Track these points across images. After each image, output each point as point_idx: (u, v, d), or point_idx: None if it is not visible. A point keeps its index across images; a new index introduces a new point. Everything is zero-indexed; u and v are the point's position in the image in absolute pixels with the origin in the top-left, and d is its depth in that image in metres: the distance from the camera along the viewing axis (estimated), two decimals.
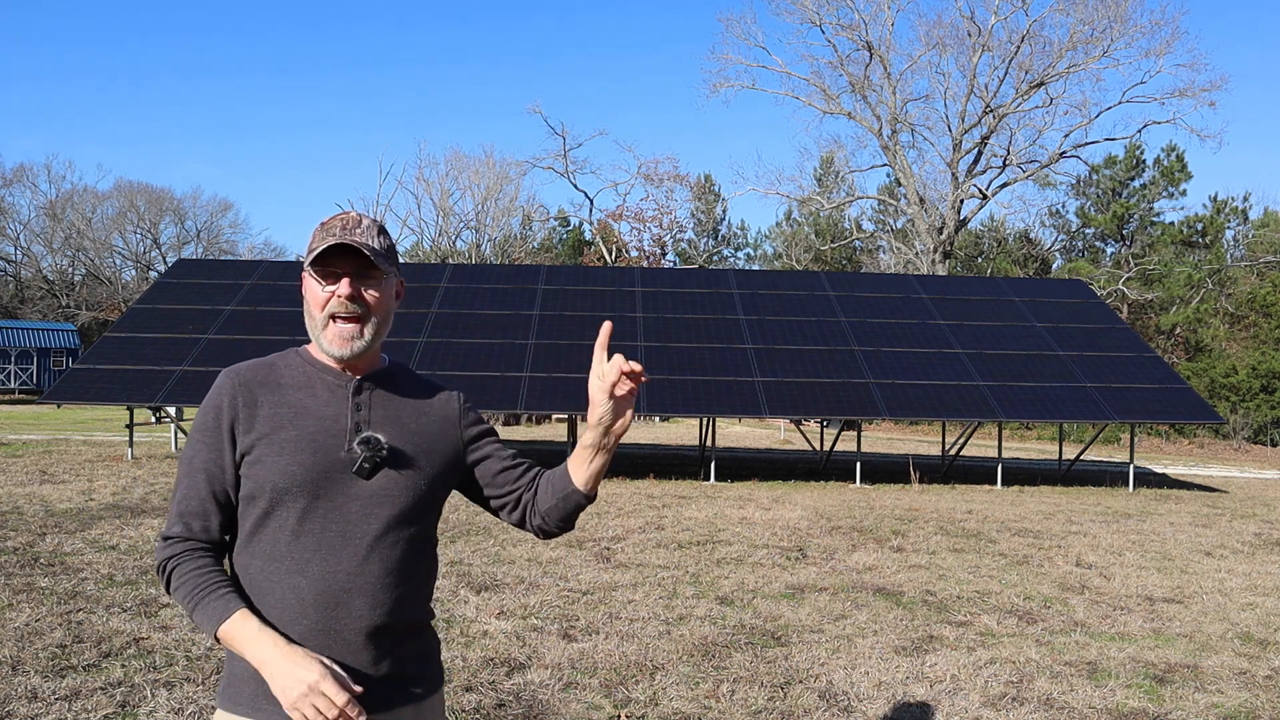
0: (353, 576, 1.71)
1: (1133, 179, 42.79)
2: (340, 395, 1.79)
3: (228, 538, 1.78)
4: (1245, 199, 44.34)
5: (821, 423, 19.90)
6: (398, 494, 1.77)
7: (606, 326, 1.72)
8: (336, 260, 1.75)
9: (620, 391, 1.71)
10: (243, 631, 1.63)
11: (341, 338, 1.75)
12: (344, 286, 1.74)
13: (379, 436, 1.76)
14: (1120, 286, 37.64)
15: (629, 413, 1.75)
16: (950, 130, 37.08)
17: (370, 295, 1.77)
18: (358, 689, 1.61)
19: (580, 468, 1.82)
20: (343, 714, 1.57)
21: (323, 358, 1.82)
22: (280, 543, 1.71)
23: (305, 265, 1.78)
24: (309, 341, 1.85)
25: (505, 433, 25.89)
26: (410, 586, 1.79)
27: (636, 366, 1.70)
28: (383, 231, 1.82)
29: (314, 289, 1.77)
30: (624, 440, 24.18)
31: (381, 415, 1.81)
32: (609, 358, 1.72)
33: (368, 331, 1.77)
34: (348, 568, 1.71)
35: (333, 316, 1.76)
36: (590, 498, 1.85)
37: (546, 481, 1.88)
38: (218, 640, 1.66)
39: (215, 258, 49.39)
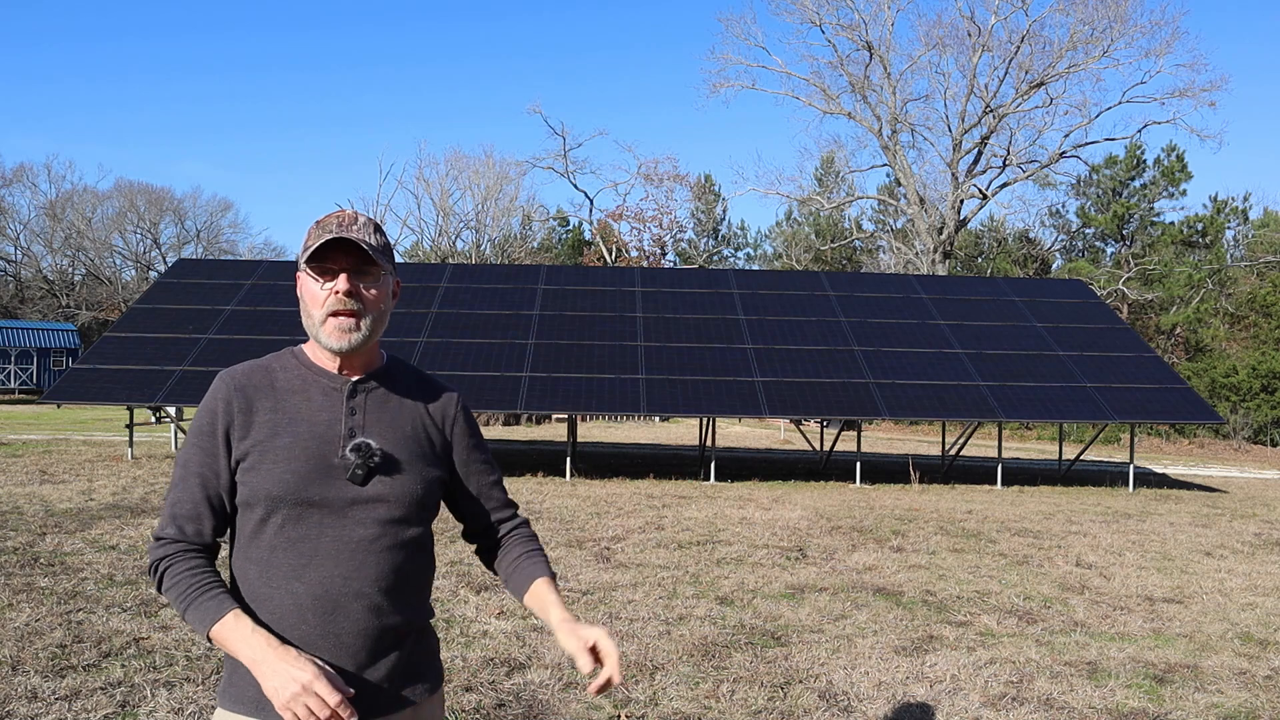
0: (349, 581, 1.71)
1: (1133, 179, 42.78)
2: (335, 399, 1.78)
3: (221, 540, 1.78)
4: (1245, 199, 44.38)
5: (821, 423, 19.90)
6: (392, 498, 1.76)
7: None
8: (333, 256, 1.74)
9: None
10: (235, 632, 1.62)
11: (340, 329, 1.74)
12: (341, 282, 1.73)
13: (370, 442, 1.75)
14: (1120, 286, 37.63)
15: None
16: (950, 130, 37.09)
17: (368, 292, 1.76)
18: (350, 690, 1.60)
19: (542, 611, 1.90)
20: (335, 715, 1.56)
21: (319, 359, 1.81)
22: (277, 549, 1.70)
23: (301, 263, 1.76)
24: (308, 341, 1.85)
25: (505, 433, 25.89)
26: (406, 589, 1.78)
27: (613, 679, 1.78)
28: (379, 229, 1.81)
29: (311, 287, 1.76)
30: (624, 440, 24.20)
31: (376, 419, 1.80)
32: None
33: (365, 325, 1.76)
34: (344, 572, 1.71)
35: (331, 313, 1.74)
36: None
37: (510, 559, 1.96)
38: (210, 641, 1.65)
39: (215, 258, 49.39)
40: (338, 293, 1.73)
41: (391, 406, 1.83)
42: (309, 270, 1.75)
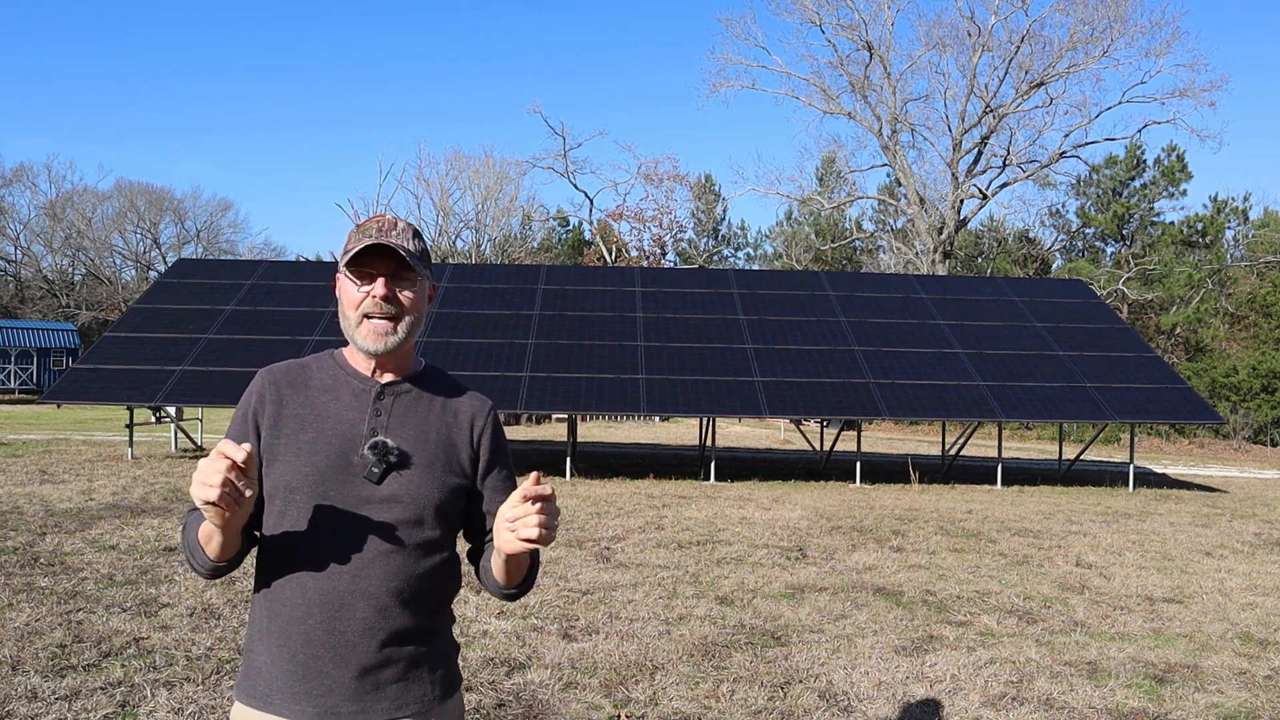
0: (357, 579, 1.72)
1: (1133, 179, 42.76)
2: (363, 400, 1.81)
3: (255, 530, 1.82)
4: (1245, 199, 44.40)
5: (821, 423, 19.89)
6: (407, 499, 1.76)
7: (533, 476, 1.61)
8: (372, 261, 1.78)
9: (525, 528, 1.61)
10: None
11: (375, 333, 1.78)
12: (379, 287, 1.76)
13: (387, 441, 1.77)
14: (1120, 286, 37.63)
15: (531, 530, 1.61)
16: (950, 130, 37.09)
17: (405, 296, 1.79)
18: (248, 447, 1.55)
19: (498, 568, 1.79)
20: (235, 466, 1.53)
21: (355, 361, 1.85)
22: (290, 541, 1.74)
23: (340, 266, 1.80)
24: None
25: (505, 433, 25.83)
26: (418, 592, 1.77)
27: (537, 491, 1.61)
28: (417, 235, 1.84)
29: (349, 289, 1.79)
30: (624, 440, 24.18)
31: (401, 421, 1.81)
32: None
33: (401, 329, 1.79)
34: (352, 570, 1.72)
35: (367, 315, 1.78)
36: (514, 590, 1.84)
37: (485, 563, 1.86)
38: (203, 550, 1.69)
39: (215, 258, 49.37)
40: (374, 297, 1.76)
41: (420, 411, 1.84)
42: (348, 274, 1.79)
